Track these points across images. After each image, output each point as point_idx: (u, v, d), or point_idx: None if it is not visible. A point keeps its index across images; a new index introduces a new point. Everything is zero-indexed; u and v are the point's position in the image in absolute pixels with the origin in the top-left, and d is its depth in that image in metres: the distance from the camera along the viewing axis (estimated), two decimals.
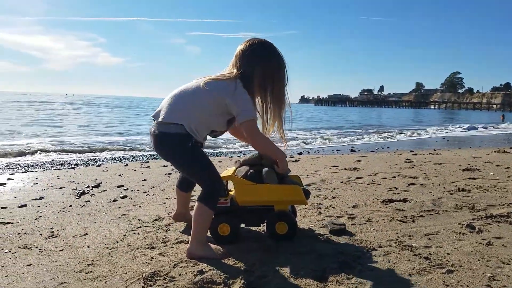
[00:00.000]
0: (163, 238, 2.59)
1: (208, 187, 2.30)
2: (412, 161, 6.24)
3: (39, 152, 8.89)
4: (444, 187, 4.10)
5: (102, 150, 9.66)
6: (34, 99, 67.65)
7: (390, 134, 16.93)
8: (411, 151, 8.87)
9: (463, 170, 5.21)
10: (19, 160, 7.71)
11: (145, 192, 4.21)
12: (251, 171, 2.54)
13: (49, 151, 9.11)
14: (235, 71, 2.35)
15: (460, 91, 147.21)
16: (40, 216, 3.21)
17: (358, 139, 14.55)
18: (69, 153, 9.08)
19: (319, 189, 4.08)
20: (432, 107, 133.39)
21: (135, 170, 5.89)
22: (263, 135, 2.41)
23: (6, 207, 3.51)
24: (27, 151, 8.82)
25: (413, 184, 4.30)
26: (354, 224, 2.78)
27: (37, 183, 4.75)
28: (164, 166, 6.26)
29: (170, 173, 5.43)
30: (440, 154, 7.80)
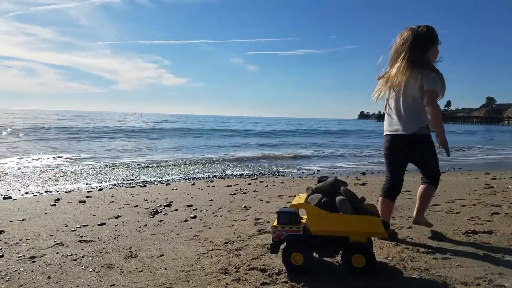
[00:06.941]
0: (236, 264, 2.60)
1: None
2: (493, 186, 5.76)
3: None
4: None
5: None
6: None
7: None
8: (488, 173, 8.23)
9: None
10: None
11: (213, 212, 4.28)
12: (324, 199, 2.48)
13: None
14: None
15: None
16: (119, 235, 3.38)
17: None
18: None
19: (393, 217, 3.77)
20: (506, 123, 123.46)
21: (202, 189, 6.03)
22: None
23: (87, 225, 3.74)
24: None
25: (497, 213, 3.95)
26: (436, 259, 2.59)
27: (113, 201, 5.02)
28: (228, 186, 6.35)
29: (234, 194, 5.50)
30: None
